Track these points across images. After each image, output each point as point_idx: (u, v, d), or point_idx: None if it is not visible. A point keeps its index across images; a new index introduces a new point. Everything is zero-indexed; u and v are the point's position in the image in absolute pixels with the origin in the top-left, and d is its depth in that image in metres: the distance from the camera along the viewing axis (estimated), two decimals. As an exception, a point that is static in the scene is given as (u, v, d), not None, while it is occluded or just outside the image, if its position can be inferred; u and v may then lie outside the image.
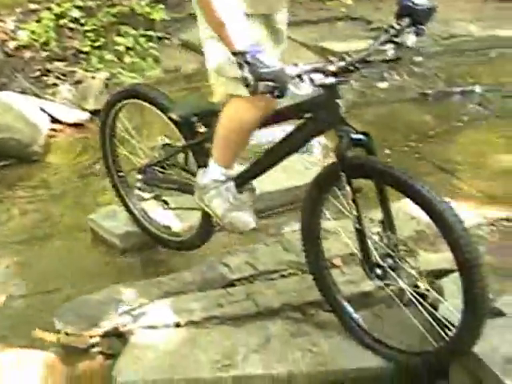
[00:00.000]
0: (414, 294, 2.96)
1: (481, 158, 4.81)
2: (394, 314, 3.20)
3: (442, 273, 3.35)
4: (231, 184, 3.27)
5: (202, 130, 3.38)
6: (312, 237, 3.14)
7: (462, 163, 4.78)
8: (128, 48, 6.41)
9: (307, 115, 3.02)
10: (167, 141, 3.66)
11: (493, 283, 3.18)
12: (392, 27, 2.82)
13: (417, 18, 2.84)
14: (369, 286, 3.28)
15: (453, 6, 7.69)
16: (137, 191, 3.79)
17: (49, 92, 5.82)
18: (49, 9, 6.51)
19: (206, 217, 3.51)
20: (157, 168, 3.69)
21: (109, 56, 6.27)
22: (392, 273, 2.92)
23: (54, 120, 5.48)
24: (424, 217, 3.00)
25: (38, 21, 6.40)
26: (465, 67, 6.50)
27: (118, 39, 6.44)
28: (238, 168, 3.38)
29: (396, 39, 2.82)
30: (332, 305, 3.17)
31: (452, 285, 3.18)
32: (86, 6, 6.62)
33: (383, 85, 5.97)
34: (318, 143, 4.14)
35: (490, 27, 7.11)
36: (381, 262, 2.92)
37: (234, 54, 2.56)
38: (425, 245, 3.65)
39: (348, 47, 6.09)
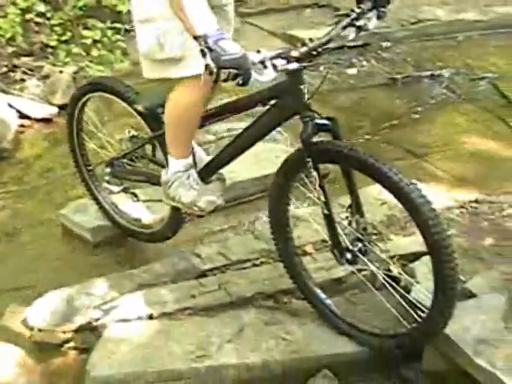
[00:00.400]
0: (386, 277, 2.97)
1: (450, 142, 4.84)
2: (366, 298, 3.23)
3: (414, 256, 3.38)
4: (192, 171, 3.27)
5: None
6: (280, 224, 3.15)
7: (432, 147, 4.80)
8: (95, 41, 6.36)
9: (271, 102, 3.01)
10: (134, 133, 3.65)
11: (463, 265, 3.22)
12: (353, 11, 2.83)
13: (378, 1, 2.84)
14: (341, 271, 3.30)
15: (419, -9, 7.73)
16: (105, 184, 3.77)
17: (16, 87, 5.76)
18: (14, 4, 6.44)
19: (176, 208, 3.50)
20: (125, 161, 3.67)
21: (76, 50, 6.22)
22: (362, 257, 2.94)
23: (23, 115, 5.44)
24: (394, 201, 3.04)
25: (4, 16, 6.34)
26: (433, 51, 6.51)
27: (85, 32, 6.40)
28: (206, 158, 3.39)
29: (357, 23, 2.82)
30: (303, 292, 3.19)
31: (424, 267, 3.21)
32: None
33: (352, 71, 5.97)
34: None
35: (456, 11, 7.13)
36: (350, 247, 2.93)
37: (196, 38, 2.52)
38: (396, 229, 3.68)
39: (316, 34, 6.07)
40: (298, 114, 2.85)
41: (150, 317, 3.18)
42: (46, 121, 5.46)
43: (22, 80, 5.87)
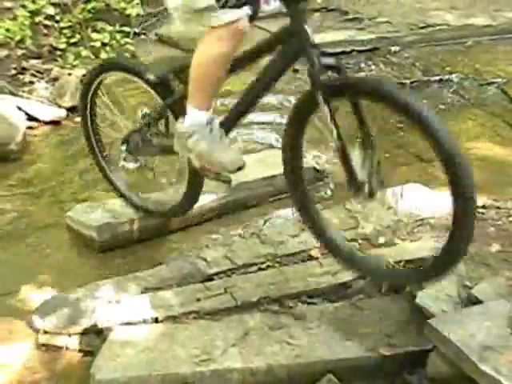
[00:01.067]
0: None
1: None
2: (372, 303, 3.23)
3: (421, 261, 3.37)
4: (214, 124, 3.25)
5: (179, 87, 3.45)
6: (295, 175, 3.27)
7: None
8: (104, 44, 6.38)
9: (279, 47, 3.09)
10: (147, 111, 3.71)
11: (469, 271, 3.22)
12: None
13: None
14: (347, 276, 3.31)
15: (429, -5, 7.73)
16: (122, 162, 3.84)
17: (25, 90, 5.78)
18: (24, 6, 6.47)
19: (193, 179, 3.60)
20: (140, 137, 3.72)
21: (85, 52, 6.23)
22: (378, 189, 2.97)
23: (31, 118, 5.45)
24: (402, 206, 3.07)
25: (13, 19, 6.36)
26: (442, 56, 6.49)
27: (94, 35, 6.41)
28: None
29: None
30: (319, 236, 3.29)
31: (429, 273, 3.20)
32: (61, 2, 6.59)
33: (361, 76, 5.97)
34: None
35: (465, 16, 7.11)
36: (366, 180, 2.94)
37: None
38: (403, 234, 3.66)
39: (324, 38, 6.11)
40: (304, 55, 2.92)
41: (156, 320, 3.18)
42: (55, 123, 5.47)
43: (31, 82, 5.89)
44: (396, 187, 3.92)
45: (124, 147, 3.79)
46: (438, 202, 3.78)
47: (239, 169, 3.33)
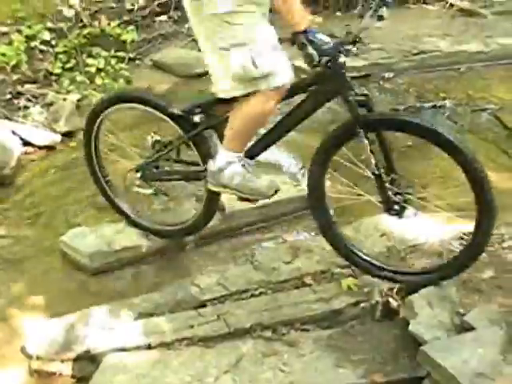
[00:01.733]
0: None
1: (451, 173, 4.79)
2: (365, 330, 3.23)
3: (414, 288, 3.38)
4: (244, 160, 3.52)
5: (198, 120, 3.61)
6: (320, 197, 3.47)
7: (432, 177, 4.79)
8: (99, 69, 6.38)
9: (311, 88, 3.39)
10: (157, 138, 3.84)
11: (462, 297, 3.22)
12: (369, 4, 3.32)
13: None
14: (340, 303, 3.31)
15: (422, 22, 7.75)
16: (136, 188, 3.97)
17: (20, 115, 5.77)
18: (19, 31, 6.48)
19: (211, 199, 3.78)
20: (153, 164, 3.86)
21: (80, 78, 6.24)
22: (406, 206, 3.34)
23: (26, 143, 5.45)
24: (394, 232, 3.10)
25: (9, 43, 6.37)
26: (435, 82, 6.51)
27: (89, 61, 6.43)
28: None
29: (378, 12, 3.29)
30: (343, 254, 3.52)
31: (422, 300, 3.21)
32: (56, 27, 6.61)
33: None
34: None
35: (458, 42, 7.13)
36: (396, 200, 3.32)
37: (297, 33, 3.00)
38: (396, 260, 3.67)
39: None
40: (341, 95, 3.23)
41: (149, 346, 3.18)
42: (49, 148, 5.47)
43: (26, 107, 5.89)
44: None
45: (139, 174, 3.90)
46: (430, 229, 3.80)
47: (276, 192, 3.59)
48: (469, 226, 3.70)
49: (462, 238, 3.80)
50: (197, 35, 3.39)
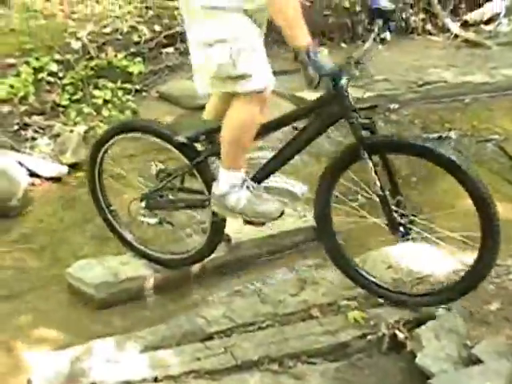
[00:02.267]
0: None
1: (456, 203, 4.81)
2: (372, 363, 3.22)
3: (421, 321, 3.37)
4: (249, 182, 3.55)
5: (202, 148, 3.69)
6: (325, 218, 3.55)
7: (438, 208, 4.78)
8: (106, 101, 6.40)
9: (316, 111, 3.44)
10: (161, 167, 3.91)
11: (470, 329, 3.21)
12: (369, 30, 3.49)
13: (387, 18, 3.44)
14: (346, 335, 3.30)
15: (427, 53, 7.79)
16: (141, 218, 3.98)
17: (27, 146, 5.79)
18: (27, 63, 6.51)
19: (216, 227, 3.80)
20: (157, 193, 3.89)
21: (87, 109, 6.26)
22: (412, 227, 3.41)
23: (33, 174, 5.47)
24: (400, 265, 3.10)
25: (17, 75, 6.40)
26: (440, 113, 6.54)
27: (96, 92, 6.44)
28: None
29: (381, 36, 3.41)
30: (348, 274, 3.61)
31: (429, 332, 3.20)
32: (64, 59, 6.64)
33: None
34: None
35: (463, 73, 7.16)
36: (402, 221, 3.38)
37: (298, 49, 3.00)
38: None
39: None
40: (344, 117, 3.29)
41: (155, 379, 3.16)
42: (56, 180, 5.49)
43: (33, 138, 5.90)
44: (396, 245, 3.94)
45: (143, 204, 3.93)
46: (436, 260, 3.80)
47: (281, 214, 3.60)
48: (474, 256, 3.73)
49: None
50: (187, 33, 3.41)
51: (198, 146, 3.70)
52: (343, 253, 3.61)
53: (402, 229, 3.39)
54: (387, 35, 3.44)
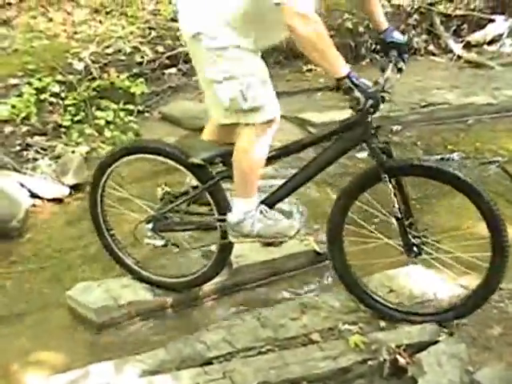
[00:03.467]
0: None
1: (459, 227, 4.80)
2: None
3: (422, 346, 3.35)
4: (262, 206, 3.64)
5: (217, 170, 3.72)
6: (338, 240, 3.61)
7: (440, 232, 4.75)
8: (108, 122, 6.42)
9: (336, 136, 3.55)
10: (168, 189, 3.91)
11: (472, 355, 3.19)
12: (389, 60, 3.59)
13: (400, 50, 3.64)
14: (347, 361, 3.27)
15: (430, 74, 7.81)
16: (147, 240, 3.97)
17: (29, 167, 5.79)
18: (29, 83, 6.53)
19: (223, 249, 3.84)
20: (164, 215, 3.90)
21: (89, 130, 6.27)
22: (425, 248, 3.53)
23: (34, 195, 5.46)
24: (402, 289, 3.07)
25: (19, 95, 6.42)
26: (443, 135, 6.53)
27: (98, 113, 6.46)
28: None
29: (398, 65, 3.59)
30: (358, 297, 3.69)
31: (431, 358, 3.18)
32: (66, 80, 6.66)
33: (362, 155, 5.99)
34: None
35: (466, 94, 7.18)
36: (415, 242, 3.50)
37: (341, 78, 3.10)
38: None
39: (327, 118, 6.16)
40: (365, 142, 3.42)
41: (153, 405, 3.14)
42: (57, 201, 5.48)
43: (35, 159, 5.90)
44: (398, 269, 3.92)
45: (150, 226, 3.93)
46: (439, 285, 3.78)
47: (298, 231, 3.73)
48: (478, 281, 3.71)
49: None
50: (197, 71, 3.58)
51: (214, 168, 3.74)
52: (352, 274, 3.67)
53: (415, 249, 3.51)
54: (402, 65, 3.62)
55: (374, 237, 3.69)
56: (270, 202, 3.67)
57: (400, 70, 3.60)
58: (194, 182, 3.78)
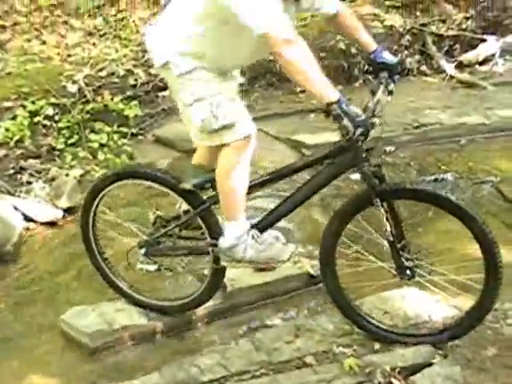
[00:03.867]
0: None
1: (452, 248, 4.79)
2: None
3: (417, 368, 3.34)
4: (253, 231, 3.62)
5: (208, 195, 3.73)
6: (331, 263, 3.61)
7: (434, 253, 4.75)
8: (102, 145, 6.41)
9: (328, 161, 3.55)
10: (159, 213, 3.91)
11: (467, 376, 3.18)
12: (379, 81, 3.57)
13: (392, 71, 3.62)
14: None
15: (422, 94, 7.80)
16: (140, 265, 3.97)
17: (22, 190, 5.78)
18: (23, 106, 6.53)
19: (217, 272, 3.82)
20: (157, 240, 3.89)
21: (83, 153, 6.26)
22: (418, 270, 3.52)
23: (28, 218, 5.45)
24: (396, 311, 3.07)
25: (13, 118, 6.42)
26: (436, 155, 6.51)
27: (92, 136, 6.45)
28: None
29: (388, 88, 3.57)
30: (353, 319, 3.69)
31: (426, 381, 3.17)
32: (60, 103, 6.66)
33: (355, 176, 5.98)
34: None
35: (459, 115, 7.16)
36: (408, 264, 3.49)
37: (331, 104, 3.04)
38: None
39: (321, 139, 6.16)
40: (356, 166, 3.42)
41: (147, 430, 3.13)
42: (51, 224, 5.47)
43: (29, 182, 5.89)
44: (392, 291, 3.92)
45: (142, 251, 3.92)
46: (432, 306, 3.78)
47: (292, 255, 3.72)
48: (472, 302, 3.71)
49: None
50: (175, 100, 3.65)
51: (205, 193, 3.76)
52: (345, 296, 3.67)
53: (408, 272, 3.50)
54: (393, 87, 3.61)
55: (367, 259, 3.70)
56: (262, 226, 3.67)
57: (391, 93, 3.58)
58: (185, 207, 3.79)
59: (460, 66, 8.57)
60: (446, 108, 7.37)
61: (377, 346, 3.58)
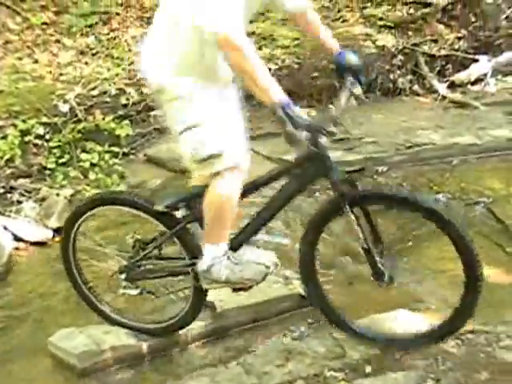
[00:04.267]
0: None
1: (445, 268, 4.77)
2: None
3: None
4: (230, 252, 3.58)
5: (182, 215, 3.66)
6: (310, 270, 3.63)
7: (426, 273, 4.75)
8: (93, 164, 6.40)
9: (295, 171, 3.50)
10: (138, 237, 3.89)
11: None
12: (344, 84, 3.56)
13: (356, 74, 3.60)
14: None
15: (415, 114, 7.81)
16: (122, 290, 3.95)
17: (12, 209, 5.76)
18: (14, 125, 6.52)
19: (199, 292, 3.76)
20: (137, 263, 3.85)
21: (73, 173, 6.25)
22: (396, 274, 3.52)
23: (18, 238, 5.42)
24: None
25: (3, 137, 6.40)
26: (428, 176, 6.51)
27: (83, 155, 6.44)
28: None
29: (353, 91, 3.53)
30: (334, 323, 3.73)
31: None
32: (51, 122, 6.65)
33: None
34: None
35: (451, 135, 7.16)
36: (384, 269, 3.47)
37: (274, 105, 2.98)
38: (390, 362, 3.61)
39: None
40: (324, 176, 3.39)
41: None
42: (41, 244, 5.45)
43: (19, 202, 5.88)
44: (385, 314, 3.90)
45: (123, 276, 3.89)
46: (420, 326, 3.76)
47: (266, 275, 3.63)
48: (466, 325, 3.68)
49: (459, 338, 3.75)
50: (168, 126, 3.60)
51: (179, 213, 3.69)
52: (329, 303, 3.70)
53: (385, 278, 3.49)
54: (359, 90, 3.62)
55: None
56: (233, 245, 3.62)
57: (357, 98, 3.56)
58: (162, 228, 3.78)
59: (452, 86, 8.59)
60: (438, 128, 7.37)
61: (368, 369, 3.55)
